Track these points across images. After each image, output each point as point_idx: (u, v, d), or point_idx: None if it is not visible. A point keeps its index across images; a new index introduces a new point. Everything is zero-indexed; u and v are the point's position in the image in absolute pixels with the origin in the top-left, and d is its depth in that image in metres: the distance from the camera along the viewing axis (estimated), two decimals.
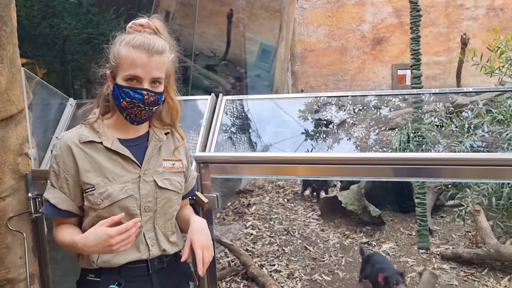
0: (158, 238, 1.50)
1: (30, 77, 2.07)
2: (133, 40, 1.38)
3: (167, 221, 1.53)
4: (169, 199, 1.51)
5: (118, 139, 1.46)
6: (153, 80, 1.40)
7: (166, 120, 1.58)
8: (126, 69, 1.37)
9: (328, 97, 2.92)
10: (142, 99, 1.38)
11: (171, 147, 1.58)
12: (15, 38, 1.82)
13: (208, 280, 2.06)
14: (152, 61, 1.37)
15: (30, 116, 1.98)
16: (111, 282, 1.42)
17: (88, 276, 1.47)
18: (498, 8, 9.47)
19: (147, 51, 1.36)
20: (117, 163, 1.43)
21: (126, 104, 1.39)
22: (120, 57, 1.38)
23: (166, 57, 1.42)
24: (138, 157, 1.47)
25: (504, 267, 3.55)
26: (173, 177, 1.53)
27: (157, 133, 1.54)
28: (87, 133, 1.43)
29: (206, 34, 5.46)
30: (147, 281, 1.49)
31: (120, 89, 1.38)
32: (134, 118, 1.43)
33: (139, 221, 1.34)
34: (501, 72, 4.09)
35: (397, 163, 1.81)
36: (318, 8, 10.13)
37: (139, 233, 1.45)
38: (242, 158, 2.04)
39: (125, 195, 1.41)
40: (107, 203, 1.39)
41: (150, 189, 1.46)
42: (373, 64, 10.11)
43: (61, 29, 3.37)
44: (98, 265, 1.43)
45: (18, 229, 1.83)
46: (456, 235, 4.20)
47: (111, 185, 1.40)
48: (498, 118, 3.92)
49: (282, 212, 5.04)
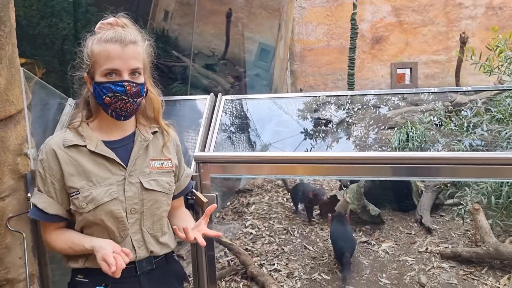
0: (145, 240, 1.48)
1: (29, 77, 2.06)
2: (105, 36, 1.38)
3: (155, 222, 1.51)
4: (156, 200, 1.49)
5: (103, 141, 1.44)
6: (132, 71, 1.39)
7: (151, 115, 1.56)
8: (102, 64, 1.36)
9: (327, 96, 2.92)
10: (124, 90, 1.37)
11: (159, 146, 1.55)
12: (14, 38, 1.82)
13: (208, 280, 2.06)
14: (127, 51, 1.37)
15: (29, 116, 1.98)
16: (98, 283, 1.41)
17: (77, 277, 1.48)
18: (497, 7, 9.48)
19: (120, 42, 1.36)
20: (102, 166, 1.42)
21: (110, 100, 1.37)
22: (94, 55, 1.37)
23: (140, 47, 1.42)
24: (124, 158, 1.45)
25: (504, 265, 3.55)
26: (161, 177, 1.51)
27: (143, 133, 1.52)
28: (72, 137, 1.42)
29: (205, 34, 5.45)
30: (135, 282, 1.48)
31: (101, 85, 1.37)
32: (120, 113, 1.41)
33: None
34: (500, 71, 4.09)
35: (396, 162, 1.81)
36: (317, 7, 10.13)
37: (126, 235, 1.44)
38: (242, 158, 2.05)
39: (109, 198, 1.39)
40: (92, 207, 1.38)
41: (136, 191, 1.44)
42: (372, 63, 10.12)
43: (60, 29, 3.37)
44: (85, 265, 1.44)
45: (18, 229, 1.83)
46: (456, 234, 4.21)
47: (95, 189, 1.39)
48: (497, 117, 3.93)
49: (282, 211, 5.04)
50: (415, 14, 9.80)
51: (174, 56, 4.69)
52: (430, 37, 9.83)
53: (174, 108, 2.50)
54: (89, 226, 1.42)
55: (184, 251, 3.66)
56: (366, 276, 3.60)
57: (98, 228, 1.42)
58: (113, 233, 1.43)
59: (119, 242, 1.43)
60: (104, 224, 1.40)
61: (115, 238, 1.43)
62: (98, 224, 1.40)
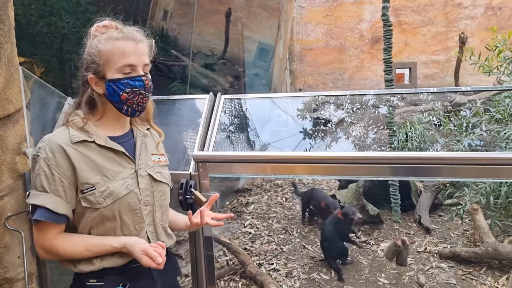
0: (157, 231, 1.51)
1: (28, 76, 2.06)
2: (114, 34, 1.39)
3: (163, 213, 1.56)
4: (163, 191, 1.54)
5: (108, 137, 1.45)
6: (144, 68, 1.42)
7: (144, 116, 1.58)
8: (117, 61, 1.37)
9: (327, 96, 2.92)
10: (143, 85, 1.40)
11: (153, 143, 1.61)
12: (13, 36, 1.81)
13: (207, 279, 2.06)
14: (140, 47, 1.40)
15: (28, 115, 1.97)
16: (115, 284, 1.40)
17: (88, 282, 1.41)
18: (496, 7, 9.49)
19: (133, 39, 1.39)
20: (112, 160, 1.42)
21: (127, 96, 1.39)
22: (105, 53, 1.38)
23: (146, 44, 1.45)
24: (130, 152, 1.48)
25: (502, 265, 3.56)
26: (163, 170, 1.57)
27: (140, 129, 1.57)
28: (77, 133, 1.41)
29: (204, 33, 5.45)
30: (149, 278, 1.49)
31: (117, 82, 1.38)
32: (136, 108, 1.44)
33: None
34: (499, 71, 4.10)
35: (395, 162, 1.81)
36: (317, 7, 10.13)
37: (141, 228, 1.46)
38: (241, 157, 2.04)
39: (126, 191, 1.40)
40: (110, 201, 1.37)
41: (147, 183, 1.48)
42: (371, 63, 10.13)
43: (59, 28, 3.36)
44: (102, 265, 1.40)
45: (16, 228, 1.82)
46: (454, 234, 4.21)
47: (112, 183, 1.39)
48: (496, 117, 3.93)
49: (281, 211, 5.04)
50: (415, 14, 9.82)
51: (173, 56, 4.69)
52: (429, 37, 9.85)
53: (173, 107, 2.50)
54: (101, 224, 1.39)
55: (183, 250, 3.66)
56: (365, 275, 3.60)
57: (111, 224, 1.40)
58: (128, 227, 1.42)
59: (134, 236, 1.44)
60: (120, 218, 1.39)
61: (130, 233, 1.43)
62: (111, 220, 1.39)
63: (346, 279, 3.56)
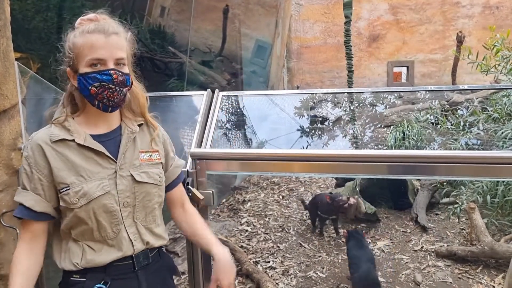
0: (140, 232, 1.47)
1: (24, 71, 2.05)
2: (87, 28, 1.36)
3: (148, 214, 1.50)
4: (147, 192, 1.48)
5: (90, 135, 1.42)
6: (116, 62, 1.38)
7: (137, 110, 1.54)
8: (87, 55, 1.35)
9: (324, 93, 2.91)
10: (111, 79, 1.36)
11: (147, 138, 1.54)
12: (9, 31, 1.80)
13: (203, 277, 2.05)
14: (110, 41, 1.36)
15: (23, 111, 1.96)
16: (97, 281, 1.39)
17: (72, 277, 1.42)
18: (494, 6, 9.51)
19: (103, 32, 1.35)
20: (91, 160, 1.40)
21: (96, 90, 1.35)
22: (77, 47, 1.36)
23: (123, 38, 1.41)
24: (113, 151, 1.43)
25: (499, 264, 3.56)
26: (151, 169, 1.50)
27: (129, 125, 1.50)
28: (58, 132, 1.39)
29: (201, 30, 5.43)
30: (133, 278, 1.46)
31: (86, 76, 1.36)
32: (107, 103, 1.39)
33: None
34: (497, 70, 4.11)
35: (392, 161, 1.81)
36: (315, 4, 10.12)
37: (119, 230, 1.42)
38: (238, 155, 2.04)
39: (101, 192, 1.37)
40: (84, 202, 1.35)
41: (128, 184, 1.43)
42: (369, 61, 10.14)
43: (56, 23, 3.34)
44: (82, 266, 1.39)
45: (11, 225, 1.81)
46: (451, 233, 4.22)
47: (87, 183, 1.36)
48: (493, 116, 3.94)
49: (277, 209, 5.04)
50: (412, 12, 9.82)
51: (171, 52, 4.67)
52: (427, 36, 9.86)
53: (171, 104, 2.49)
54: (79, 225, 1.38)
55: (179, 247, 3.65)
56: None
57: (86, 226, 1.38)
58: (105, 229, 1.40)
59: (112, 238, 1.41)
60: (96, 220, 1.37)
61: (107, 235, 1.40)
62: (87, 220, 1.37)
63: (342, 278, 3.56)
